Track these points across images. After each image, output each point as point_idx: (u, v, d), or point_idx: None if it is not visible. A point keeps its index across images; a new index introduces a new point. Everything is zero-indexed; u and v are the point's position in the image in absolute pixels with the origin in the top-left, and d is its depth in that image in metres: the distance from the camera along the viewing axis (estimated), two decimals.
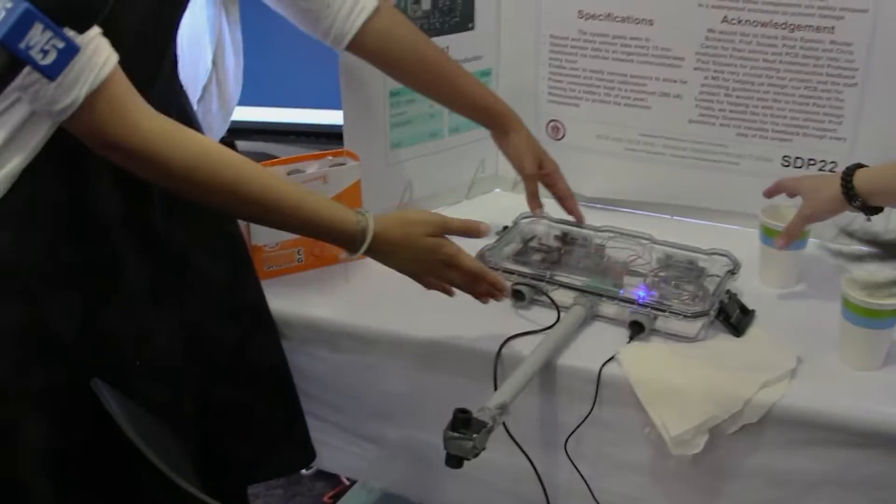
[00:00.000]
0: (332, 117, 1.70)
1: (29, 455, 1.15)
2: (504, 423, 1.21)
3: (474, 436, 1.08)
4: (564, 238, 1.54)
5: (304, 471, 2.01)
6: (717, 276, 1.41)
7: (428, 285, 1.29)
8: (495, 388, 1.28)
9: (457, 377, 1.35)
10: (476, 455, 1.10)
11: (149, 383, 1.22)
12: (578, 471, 1.30)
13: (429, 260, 1.24)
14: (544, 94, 1.70)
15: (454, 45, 1.63)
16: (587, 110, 1.67)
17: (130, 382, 1.20)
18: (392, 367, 1.39)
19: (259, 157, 1.88)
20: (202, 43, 1.32)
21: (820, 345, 1.29)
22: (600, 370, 1.26)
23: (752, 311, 1.37)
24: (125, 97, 1.02)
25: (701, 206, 1.67)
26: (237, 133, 1.51)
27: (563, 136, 1.71)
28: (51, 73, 0.79)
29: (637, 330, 1.32)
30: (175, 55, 1.24)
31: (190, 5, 1.20)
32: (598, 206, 1.73)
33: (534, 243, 1.53)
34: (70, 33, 0.81)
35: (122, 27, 1.03)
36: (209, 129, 1.38)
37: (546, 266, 1.46)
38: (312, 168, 1.49)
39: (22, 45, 0.77)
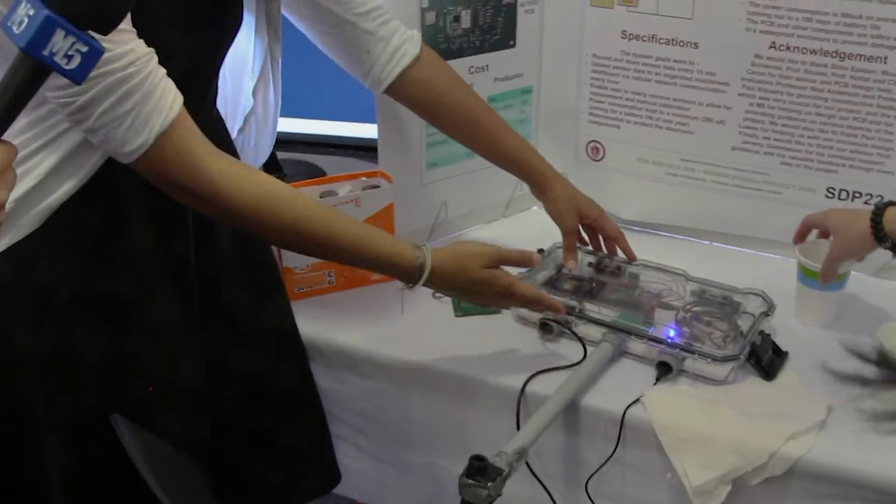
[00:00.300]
0: (370, 131, 1.69)
1: (50, 475, 1.18)
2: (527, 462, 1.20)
3: (489, 484, 1.07)
4: (598, 266, 1.52)
5: None
6: (752, 314, 1.37)
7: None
8: (517, 426, 1.27)
9: (480, 410, 1.35)
10: (491, 502, 1.09)
11: (170, 412, 1.23)
12: None
13: (485, 292, 1.28)
14: (585, 115, 1.67)
15: (494, 64, 1.61)
16: (628, 132, 1.64)
17: (152, 410, 1.22)
18: (415, 396, 1.39)
19: (299, 166, 1.89)
20: (244, 72, 1.32)
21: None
22: (624, 413, 1.24)
23: (786, 354, 1.34)
24: (191, 138, 1.05)
25: (741, 234, 1.64)
26: (277, 143, 1.52)
27: (602, 157, 1.68)
28: (77, 76, 0.80)
29: (664, 371, 1.29)
30: (216, 87, 1.25)
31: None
32: (636, 228, 1.70)
33: (567, 271, 1.51)
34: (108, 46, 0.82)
35: (173, 66, 1.04)
36: (248, 158, 1.39)
37: (578, 296, 1.44)
38: (345, 189, 1.49)
39: (45, 52, 0.77)
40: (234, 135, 1.34)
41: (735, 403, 1.25)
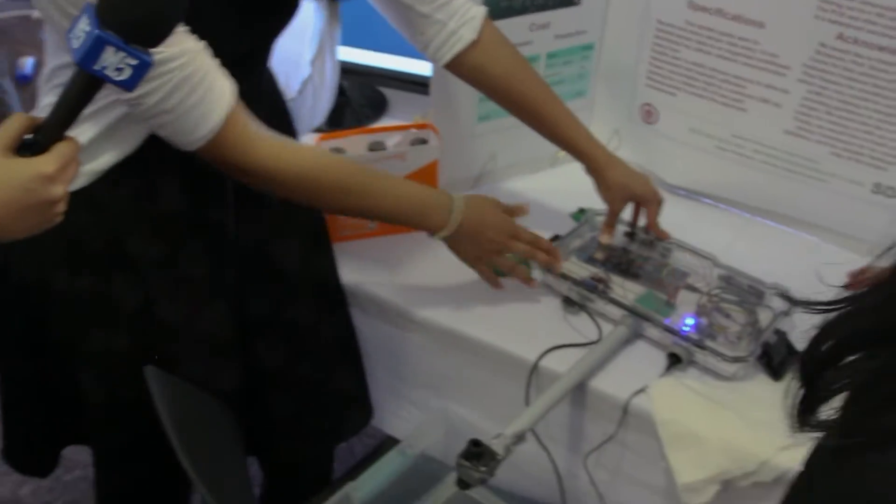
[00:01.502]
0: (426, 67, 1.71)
1: (85, 408, 1.29)
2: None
3: (482, 468, 1.15)
4: (632, 236, 1.54)
5: None
6: (772, 310, 1.40)
7: (481, 273, 1.39)
8: (526, 399, 1.34)
9: (496, 373, 1.41)
10: (484, 482, 1.17)
11: (195, 361, 1.33)
12: (595, 485, 1.36)
13: (495, 232, 1.37)
14: (643, 77, 1.66)
15: (556, 21, 1.60)
16: (683, 101, 1.63)
17: (180, 358, 1.32)
18: (438, 350, 1.46)
19: (364, 90, 1.91)
20: (303, 39, 1.35)
21: None
22: (628, 401, 1.30)
23: (799, 353, 1.37)
24: (242, 123, 1.12)
25: (783, 213, 1.64)
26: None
27: (656, 121, 1.67)
28: (128, 86, 0.86)
29: (674, 361, 1.34)
30: (269, 57, 1.29)
31: None
32: (681, 192, 1.72)
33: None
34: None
35: (228, 52, 1.10)
36: (304, 120, 1.43)
37: (607, 268, 1.48)
38: (394, 140, 1.52)
39: (97, 67, 0.84)
40: (290, 95, 1.38)
41: (738, 404, 1.29)
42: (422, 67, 1.78)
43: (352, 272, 1.50)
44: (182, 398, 1.22)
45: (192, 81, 1.05)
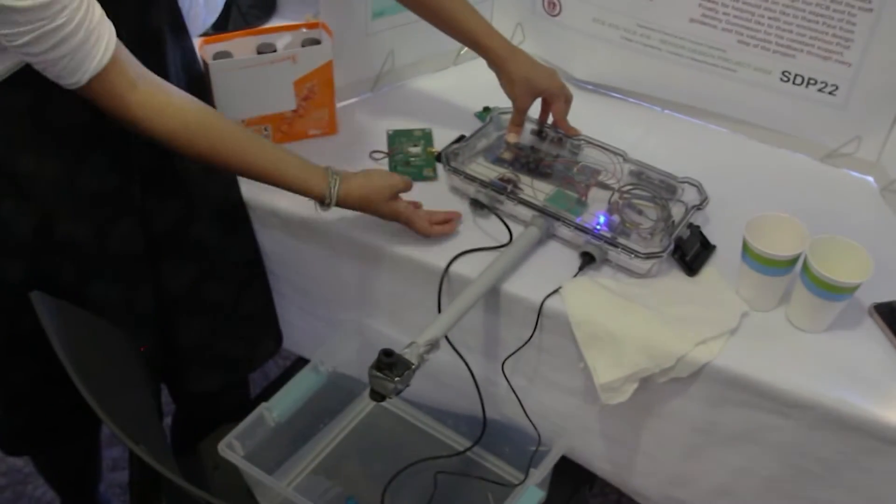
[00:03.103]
0: None
1: None
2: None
3: (396, 378, 1.11)
4: (540, 134, 1.49)
5: None
6: (685, 204, 1.37)
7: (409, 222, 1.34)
8: (439, 307, 1.29)
9: (406, 283, 1.36)
10: (398, 393, 1.13)
11: (107, 283, 1.27)
12: (514, 390, 1.33)
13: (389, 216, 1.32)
14: None
15: None
16: None
17: (88, 282, 1.26)
18: (345, 261, 1.40)
19: None
20: None
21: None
22: (541, 304, 1.26)
23: (713, 248, 1.35)
24: (120, 75, 1.09)
25: (692, 105, 1.60)
26: None
27: (559, 13, 1.61)
28: None
29: (588, 260, 1.30)
30: None
31: None
32: (590, 87, 1.67)
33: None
34: None
35: None
36: (199, 18, 1.34)
37: (515, 168, 1.43)
38: (284, 41, 1.43)
39: None
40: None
41: (653, 300, 1.27)
42: None
43: (249, 184, 1.41)
44: (76, 324, 1.15)
45: (61, 34, 1.01)
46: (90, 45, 1.04)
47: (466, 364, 1.32)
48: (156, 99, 1.13)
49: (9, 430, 1.42)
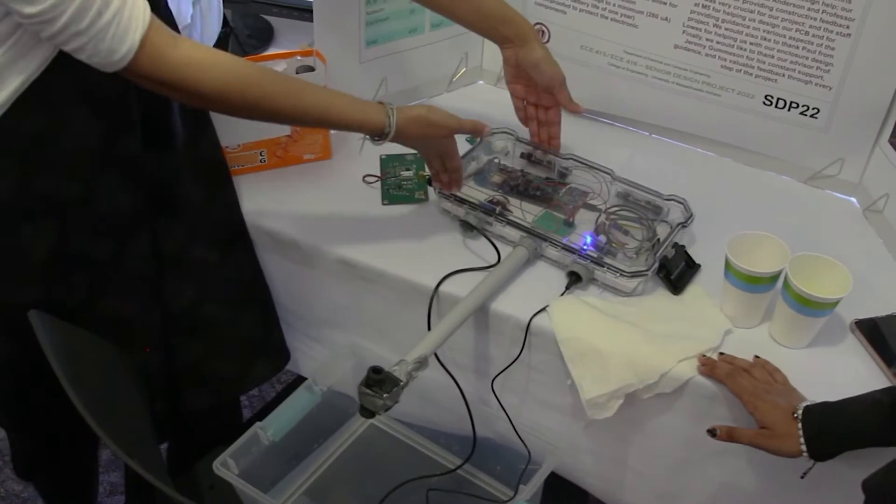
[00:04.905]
0: None
1: None
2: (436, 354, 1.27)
3: (385, 395, 1.13)
4: (529, 158, 1.53)
5: None
6: (670, 224, 1.40)
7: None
8: (429, 326, 1.32)
9: (398, 304, 1.39)
10: (387, 410, 1.15)
11: (118, 301, 1.29)
12: (503, 407, 1.35)
13: (432, 155, 1.36)
14: None
15: None
16: (574, 18, 1.60)
17: (99, 301, 1.28)
18: (336, 283, 1.43)
19: (246, 20, 1.85)
20: None
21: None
22: (529, 322, 1.29)
23: (698, 266, 1.38)
24: (163, 31, 1.06)
25: (678, 129, 1.64)
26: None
27: (547, 41, 1.65)
28: None
29: (574, 280, 1.33)
30: None
31: None
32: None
33: (497, 161, 1.52)
34: None
35: None
36: (207, 27, 1.37)
37: (504, 190, 1.46)
38: (279, 68, 1.47)
39: None
40: (188, 21, 1.32)
41: (638, 318, 1.30)
42: None
43: (244, 206, 1.45)
44: (75, 344, 1.18)
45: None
46: (130, 2, 1.01)
47: (456, 382, 1.35)
48: (199, 52, 1.10)
49: (23, 453, 1.43)
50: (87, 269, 1.25)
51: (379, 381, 1.13)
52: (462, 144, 1.56)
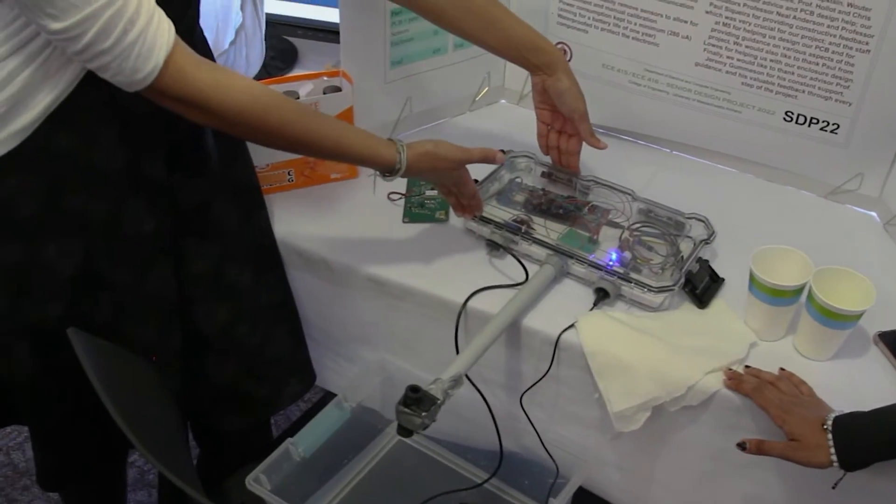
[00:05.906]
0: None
1: (15, 377, 1.26)
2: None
3: (423, 414, 1.15)
4: (550, 177, 1.55)
5: None
6: (693, 240, 1.42)
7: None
8: (456, 342, 1.34)
9: (426, 321, 1.41)
10: (426, 428, 1.17)
11: (140, 323, 1.31)
12: (531, 422, 1.37)
13: (446, 186, 1.38)
14: (554, 16, 1.66)
15: None
16: (595, 38, 1.63)
17: (122, 321, 1.29)
18: (365, 300, 1.45)
19: (271, 41, 1.88)
20: None
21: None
22: (558, 337, 1.31)
23: (722, 280, 1.39)
24: (186, 53, 1.08)
25: (699, 146, 1.66)
26: None
27: (569, 59, 1.67)
28: None
29: (602, 296, 1.35)
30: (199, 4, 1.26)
31: None
32: (600, 130, 1.72)
33: (518, 181, 1.55)
34: None
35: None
36: (240, 69, 1.39)
37: (527, 209, 1.48)
38: (306, 89, 1.50)
39: None
40: (225, 47, 1.34)
41: (665, 332, 1.31)
42: (331, 15, 1.75)
43: (274, 225, 1.48)
44: (110, 360, 1.20)
45: (127, 15, 1.00)
46: (155, 22, 1.02)
47: (484, 398, 1.37)
48: (222, 74, 1.12)
49: (44, 465, 1.46)
50: (109, 289, 1.27)
51: (417, 399, 1.14)
52: (487, 166, 1.57)
